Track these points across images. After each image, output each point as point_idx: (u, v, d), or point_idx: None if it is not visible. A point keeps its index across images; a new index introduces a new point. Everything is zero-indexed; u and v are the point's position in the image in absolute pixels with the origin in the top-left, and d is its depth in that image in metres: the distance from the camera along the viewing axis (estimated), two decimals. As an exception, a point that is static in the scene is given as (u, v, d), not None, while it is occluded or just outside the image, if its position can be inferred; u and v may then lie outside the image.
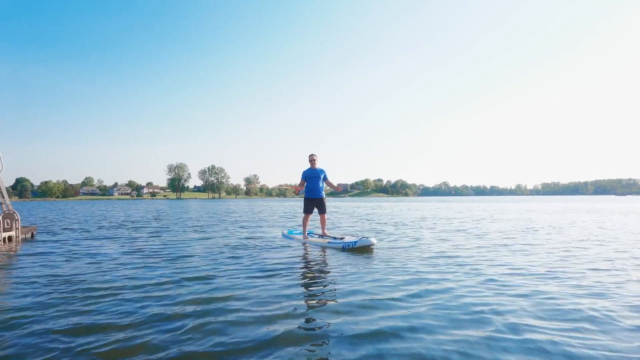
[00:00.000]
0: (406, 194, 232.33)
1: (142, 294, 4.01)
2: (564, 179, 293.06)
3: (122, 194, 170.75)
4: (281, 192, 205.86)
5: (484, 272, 4.97)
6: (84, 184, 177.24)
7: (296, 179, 8.54)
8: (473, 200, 72.59)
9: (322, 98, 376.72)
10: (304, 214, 8.27)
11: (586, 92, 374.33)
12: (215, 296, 3.94)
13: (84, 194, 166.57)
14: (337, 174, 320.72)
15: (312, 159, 8.14)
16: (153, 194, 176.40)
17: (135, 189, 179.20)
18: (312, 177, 8.11)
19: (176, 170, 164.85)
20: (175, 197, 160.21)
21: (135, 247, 7.50)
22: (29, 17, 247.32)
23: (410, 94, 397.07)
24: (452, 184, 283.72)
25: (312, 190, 8.11)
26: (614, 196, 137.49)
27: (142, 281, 4.59)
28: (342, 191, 9.78)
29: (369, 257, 6.20)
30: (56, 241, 8.67)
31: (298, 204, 50.15)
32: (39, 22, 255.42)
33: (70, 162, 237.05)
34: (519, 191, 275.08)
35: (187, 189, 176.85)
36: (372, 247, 6.95)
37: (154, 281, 4.60)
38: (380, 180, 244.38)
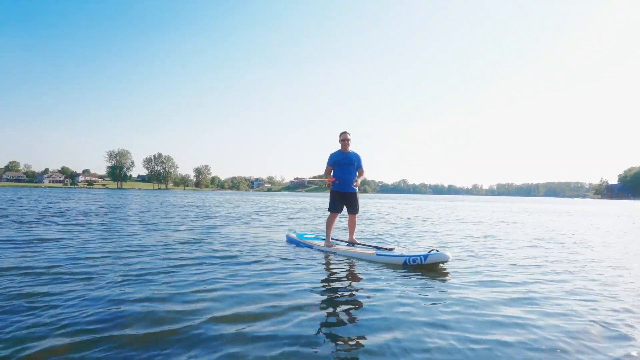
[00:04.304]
0: (365, 190, 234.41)
1: None
2: (518, 181, 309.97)
3: (53, 182, 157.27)
4: (234, 185, 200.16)
5: None
6: (7, 168, 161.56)
7: (250, 172, 6.21)
8: (443, 199, 73.25)
9: (282, 92, 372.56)
10: (329, 213, 6.23)
11: (539, 101, 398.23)
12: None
13: (8, 180, 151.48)
14: (295, 168, 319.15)
15: (344, 139, 6.10)
16: (90, 183, 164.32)
17: (69, 177, 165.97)
18: (344, 164, 6.06)
19: (117, 157, 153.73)
20: (116, 186, 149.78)
21: (71, 254, 4.82)
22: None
23: (373, 93, 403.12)
24: (410, 182, 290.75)
25: (343, 182, 6.08)
26: (562, 199, 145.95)
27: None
28: (298, 185, 7.69)
29: (443, 280, 4.18)
30: None
31: (263, 198, 47.32)
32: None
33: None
34: (475, 191, 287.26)
35: (130, 178, 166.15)
36: (444, 264, 4.84)
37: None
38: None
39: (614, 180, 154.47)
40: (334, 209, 6.13)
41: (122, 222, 9.83)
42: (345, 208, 6.18)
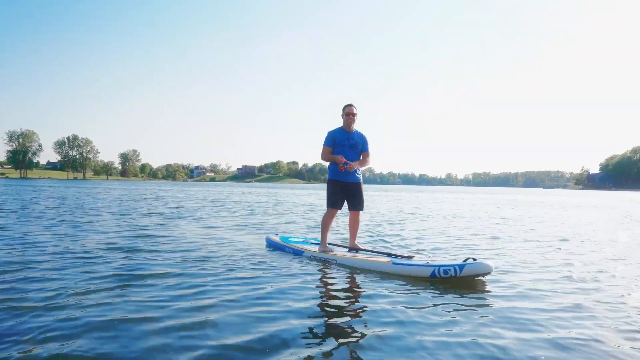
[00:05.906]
0: (324, 181, 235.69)
1: None
2: (495, 170, 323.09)
3: None
4: (169, 174, 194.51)
5: None
6: None
7: (189, 159, 5.30)
8: (416, 190, 74.52)
9: (227, 66, 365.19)
10: (327, 209, 5.51)
11: (517, 86, 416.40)
12: None
13: None
14: (244, 154, 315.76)
15: (349, 113, 5.34)
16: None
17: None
18: (347, 145, 5.36)
19: (20, 140, 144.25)
20: (19, 175, 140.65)
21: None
22: None
23: (335, 74, 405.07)
24: (377, 171, 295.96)
25: (345, 170, 5.31)
26: (542, 189, 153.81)
27: None
28: (247, 175, 6.89)
29: (483, 304, 3.49)
30: None
31: (209, 189, 45.70)
32: None
33: None
34: (449, 181, 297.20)
35: (37, 165, 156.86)
36: (483, 276, 4.19)
37: None
38: (295, 163, 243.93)
39: (595, 169, 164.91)
40: (334, 204, 5.39)
41: (28, 223, 8.50)
42: (346, 203, 5.46)
